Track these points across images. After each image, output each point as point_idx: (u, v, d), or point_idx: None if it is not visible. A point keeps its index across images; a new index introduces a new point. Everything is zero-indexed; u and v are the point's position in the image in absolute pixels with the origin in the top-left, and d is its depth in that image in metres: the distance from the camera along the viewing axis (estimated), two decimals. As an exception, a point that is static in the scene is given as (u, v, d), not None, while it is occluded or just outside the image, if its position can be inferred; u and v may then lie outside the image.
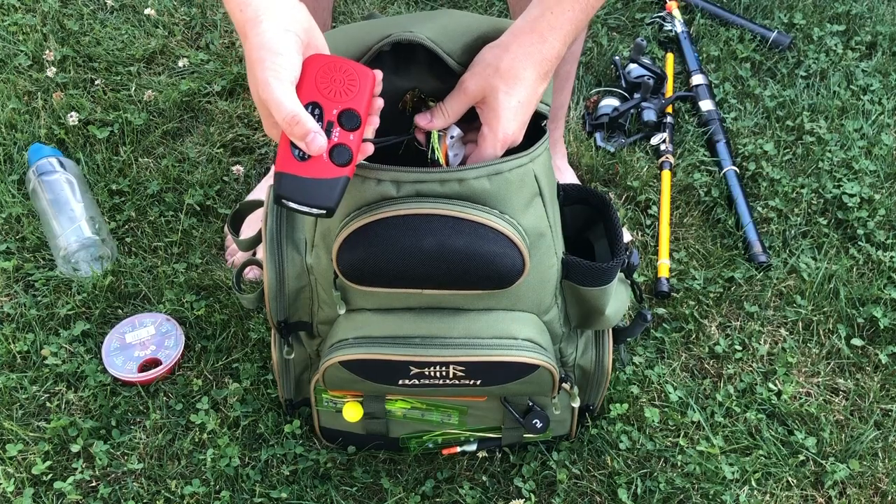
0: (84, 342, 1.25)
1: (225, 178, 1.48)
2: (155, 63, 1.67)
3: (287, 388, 1.11)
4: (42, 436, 1.15)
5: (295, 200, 0.75)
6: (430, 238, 0.83)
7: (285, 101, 0.73)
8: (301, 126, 0.73)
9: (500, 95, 0.82)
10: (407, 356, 0.91)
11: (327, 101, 0.75)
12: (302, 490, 1.12)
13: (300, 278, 0.96)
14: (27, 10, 1.74)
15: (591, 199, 1.02)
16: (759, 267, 1.40)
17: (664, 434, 1.20)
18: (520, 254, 0.86)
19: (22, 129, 1.51)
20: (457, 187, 0.84)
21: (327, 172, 0.75)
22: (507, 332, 0.92)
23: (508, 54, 0.82)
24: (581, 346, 1.06)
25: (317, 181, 0.75)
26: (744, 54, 1.75)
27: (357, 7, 1.82)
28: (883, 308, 1.34)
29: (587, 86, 1.69)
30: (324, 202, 0.75)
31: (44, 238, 1.36)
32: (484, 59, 0.83)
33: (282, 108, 0.73)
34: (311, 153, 0.74)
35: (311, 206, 0.75)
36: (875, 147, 1.58)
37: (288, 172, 0.74)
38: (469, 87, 0.83)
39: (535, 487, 1.14)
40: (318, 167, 0.75)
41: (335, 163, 0.75)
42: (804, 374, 1.28)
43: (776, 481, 1.15)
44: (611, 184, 1.52)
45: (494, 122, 0.83)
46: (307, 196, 0.74)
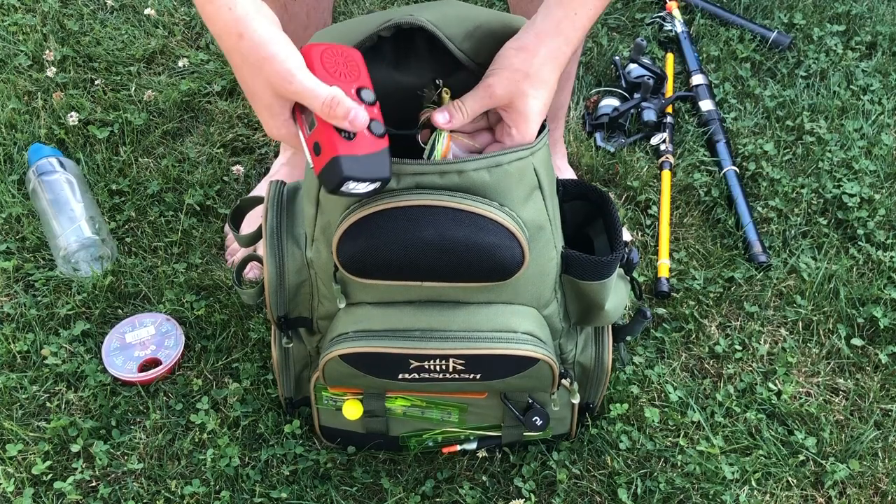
0: (84, 342, 1.26)
1: (225, 178, 1.48)
2: (155, 63, 1.67)
3: (287, 385, 1.11)
4: (42, 436, 1.15)
5: (358, 179, 0.76)
6: (430, 229, 0.83)
7: (318, 87, 0.73)
8: (342, 105, 0.73)
9: (530, 100, 0.83)
10: (406, 349, 0.91)
11: (342, 83, 0.76)
12: (302, 490, 1.12)
13: (300, 273, 0.96)
14: (27, 10, 1.74)
15: (590, 194, 1.02)
16: (759, 267, 1.40)
17: (664, 434, 1.20)
18: (519, 246, 0.86)
19: (22, 129, 1.51)
20: (456, 179, 0.84)
21: (375, 146, 0.77)
22: (507, 325, 0.92)
23: (537, 59, 0.82)
24: (581, 343, 1.06)
25: (369, 156, 0.76)
26: (744, 54, 1.75)
27: (357, 7, 1.82)
28: (883, 308, 1.34)
29: (587, 86, 1.69)
30: (381, 174, 0.77)
31: (44, 238, 1.36)
32: (511, 63, 0.82)
33: (318, 93, 0.73)
34: (357, 129, 0.75)
35: (371, 181, 0.77)
36: (875, 147, 1.58)
37: (345, 154, 0.75)
38: (497, 91, 0.83)
39: (535, 487, 1.14)
40: (366, 143, 0.76)
41: (376, 135, 0.77)
42: (804, 374, 1.28)
43: (776, 481, 1.15)
44: (611, 184, 1.52)
45: (522, 125, 0.84)
46: (368, 172, 0.76)
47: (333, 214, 0.88)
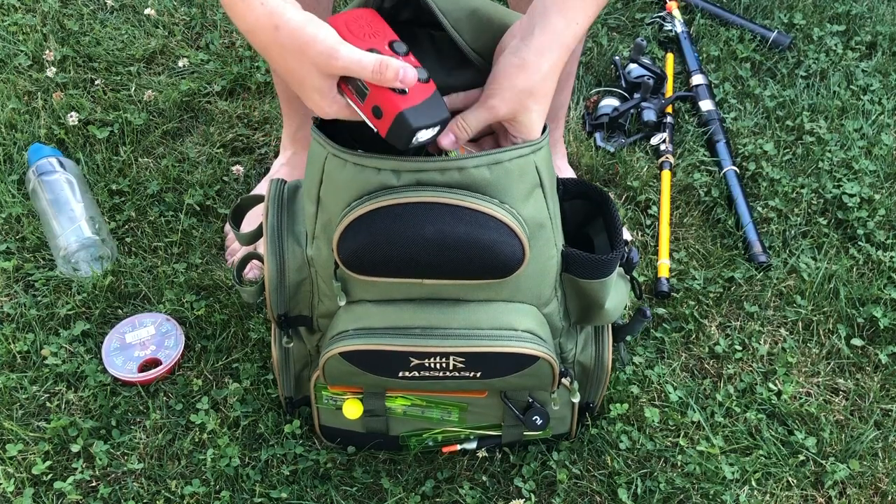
0: (84, 342, 1.25)
1: (225, 178, 1.48)
2: (155, 63, 1.67)
3: (287, 385, 1.11)
4: (42, 436, 1.15)
5: (427, 126, 0.78)
6: (431, 226, 0.83)
7: (363, 56, 0.75)
8: (391, 68, 0.75)
9: (533, 114, 0.84)
10: (407, 347, 0.92)
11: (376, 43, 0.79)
12: (302, 490, 1.12)
13: (301, 271, 0.96)
14: (27, 10, 1.74)
15: (590, 193, 1.02)
16: (759, 267, 1.40)
17: (664, 434, 1.20)
18: (520, 243, 0.86)
19: (22, 129, 1.51)
20: (457, 176, 0.84)
21: (426, 92, 0.79)
22: (507, 323, 0.92)
23: (539, 76, 0.82)
24: (581, 343, 1.06)
25: (426, 102, 0.79)
26: (744, 54, 1.75)
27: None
28: (883, 308, 1.34)
29: (587, 86, 1.69)
30: (443, 115, 0.80)
31: (44, 238, 1.36)
32: (513, 84, 0.82)
33: (365, 63, 0.75)
34: (409, 84, 0.77)
35: (436, 126, 0.80)
36: (875, 147, 1.58)
37: (407, 107, 0.77)
38: (500, 110, 0.83)
39: (535, 487, 1.14)
40: (419, 91, 0.78)
41: (424, 82, 0.79)
42: (804, 374, 1.28)
43: (776, 481, 1.15)
44: (611, 184, 1.52)
45: (527, 134, 0.85)
46: (432, 117, 0.79)
47: (334, 212, 0.88)
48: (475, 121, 0.84)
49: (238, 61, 1.67)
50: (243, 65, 1.66)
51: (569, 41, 0.83)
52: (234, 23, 0.81)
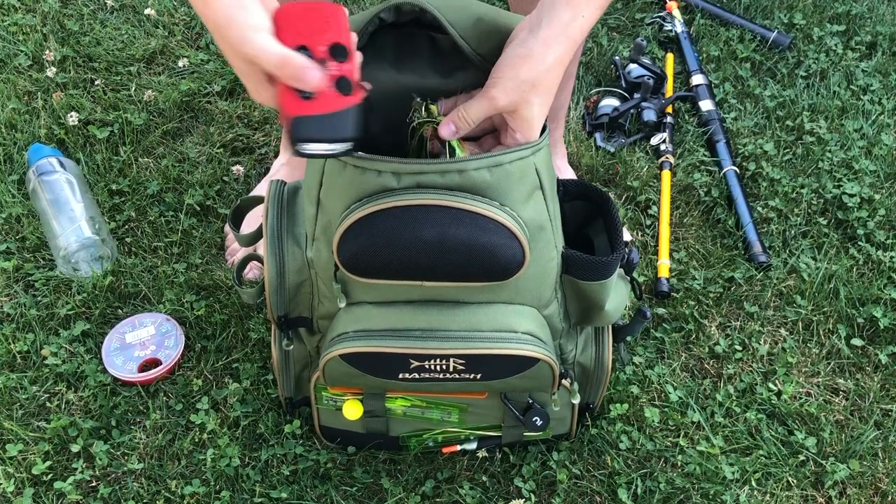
0: (84, 342, 1.25)
1: (225, 178, 1.48)
2: (155, 63, 1.67)
3: (287, 385, 1.11)
4: (42, 436, 1.15)
5: (317, 140, 0.74)
6: (431, 229, 0.83)
7: (270, 47, 0.72)
8: (291, 65, 0.72)
9: (535, 108, 0.83)
10: (407, 349, 0.92)
11: (311, 41, 0.74)
12: (302, 490, 1.12)
13: (301, 272, 0.96)
14: (27, 10, 1.74)
15: (590, 194, 1.02)
16: (759, 267, 1.40)
17: (664, 434, 1.20)
18: (520, 245, 0.86)
19: (22, 129, 1.51)
20: (457, 178, 0.84)
21: (338, 104, 0.74)
22: (508, 325, 0.92)
23: (544, 66, 0.81)
24: (581, 343, 1.06)
25: (330, 115, 0.74)
26: (744, 54, 1.75)
27: (357, 6, 1.82)
28: (883, 308, 1.34)
29: (587, 86, 1.69)
30: (346, 133, 0.75)
31: (44, 238, 1.36)
32: (517, 74, 0.81)
33: (269, 54, 0.72)
34: (312, 88, 0.73)
35: (332, 142, 0.74)
36: (875, 147, 1.58)
37: (300, 115, 0.73)
38: (501, 102, 0.82)
39: (535, 487, 1.14)
40: (328, 101, 0.74)
41: (343, 94, 0.74)
42: (804, 374, 1.28)
43: (776, 481, 1.16)
44: (611, 184, 1.52)
45: (527, 130, 0.84)
46: (328, 132, 0.74)
47: (334, 214, 0.88)
48: (475, 111, 0.83)
49: (238, 61, 1.67)
50: (243, 65, 1.66)
51: (575, 34, 0.82)
52: None
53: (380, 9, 0.83)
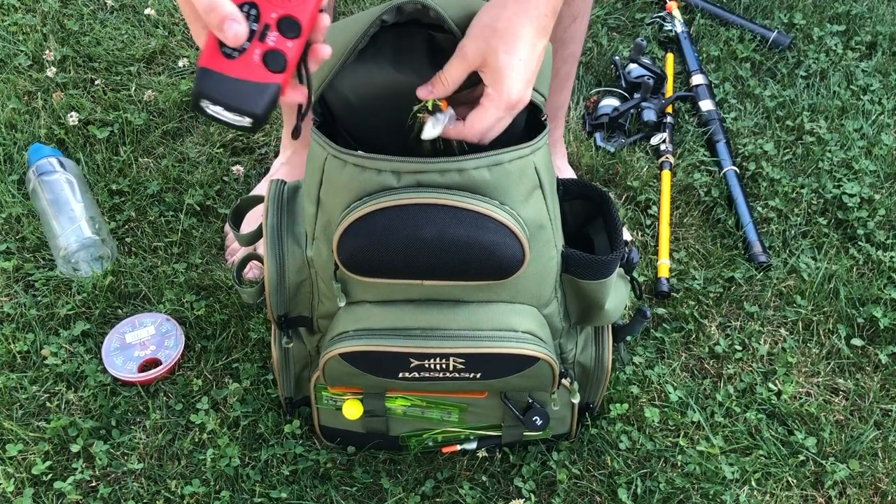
0: (84, 342, 1.25)
1: (225, 178, 1.48)
2: (155, 63, 1.67)
3: (287, 385, 1.11)
4: (42, 436, 1.15)
5: (218, 101, 0.67)
6: (431, 227, 0.83)
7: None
8: (216, 11, 0.66)
9: (501, 55, 0.79)
10: (407, 348, 0.92)
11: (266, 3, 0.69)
12: (302, 490, 1.12)
13: (301, 272, 0.96)
14: (27, 10, 1.74)
15: (590, 194, 1.02)
16: (759, 267, 1.40)
17: (664, 434, 1.20)
18: (520, 244, 0.86)
19: (22, 129, 1.51)
20: (457, 177, 0.84)
21: (258, 75, 0.68)
22: (508, 324, 0.92)
23: (506, 12, 0.80)
24: (581, 343, 1.06)
25: (244, 83, 0.67)
26: (744, 54, 1.75)
27: (357, 6, 1.82)
28: (883, 308, 1.34)
29: (587, 86, 1.69)
30: (250, 106, 0.68)
31: (44, 238, 1.36)
32: (480, 21, 0.80)
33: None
34: (228, 41, 0.67)
35: (234, 110, 0.68)
36: (875, 147, 1.58)
37: (212, 68, 0.67)
38: (468, 52, 0.80)
39: (535, 487, 1.14)
40: (249, 68, 0.68)
41: (269, 68, 0.68)
42: (804, 374, 1.28)
43: (776, 481, 1.15)
44: (611, 184, 1.52)
45: (498, 83, 0.80)
46: (232, 97, 0.67)
47: (334, 213, 0.88)
48: (450, 70, 0.81)
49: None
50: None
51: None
52: None
53: (382, 10, 0.83)
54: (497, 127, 0.83)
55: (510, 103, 0.81)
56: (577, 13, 1.22)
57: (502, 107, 0.81)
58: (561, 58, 1.27)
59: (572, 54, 1.30)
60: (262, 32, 0.68)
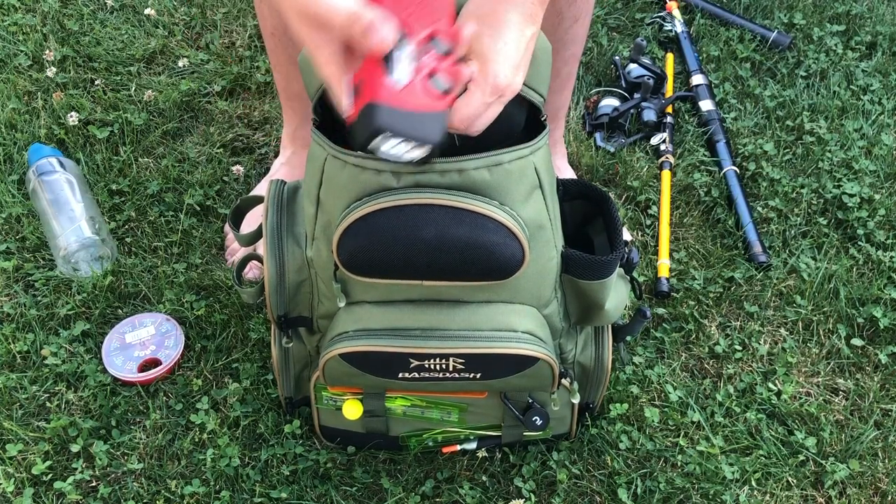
0: (84, 342, 1.25)
1: (225, 178, 1.48)
2: (155, 63, 1.67)
3: (287, 385, 1.11)
4: (42, 436, 1.15)
5: (398, 134, 0.64)
6: (430, 228, 0.83)
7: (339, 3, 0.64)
8: (360, 20, 0.63)
9: (486, 39, 0.78)
10: (407, 348, 0.92)
11: (417, 26, 0.66)
12: (302, 490, 1.12)
13: (301, 272, 0.96)
14: (27, 10, 1.74)
15: (590, 194, 1.02)
16: (759, 267, 1.40)
17: (664, 434, 1.20)
18: (519, 244, 0.86)
19: (22, 129, 1.51)
20: (457, 178, 0.84)
21: (430, 103, 0.65)
22: (507, 324, 0.92)
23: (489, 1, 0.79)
24: (581, 343, 1.06)
25: (420, 114, 0.64)
26: (744, 54, 1.75)
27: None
28: (883, 308, 1.34)
29: (587, 86, 1.69)
30: (430, 136, 0.65)
31: (44, 238, 1.36)
32: (467, 9, 0.80)
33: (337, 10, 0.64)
34: (379, 46, 0.63)
35: (415, 143, 0.65)
36: (875, 147, 1.58)
37: (385, 102, 0.63)
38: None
39: (535, 487, 1.14)
40: (420, 96, 0.65)
41: (435, 93, 0.66)
42: (804, 374, 1.28)
43: (776, 481, 1.15)
44: (611, 184, 1.52)
45: (483, 66, 0.78)
46: (411, 129, 0.64)
47: (334, 213, 0.88)
48: None
49: (238, 61, 1.67)
50: (243, 65, 1.66)
51: None
52: None
53: None
54: (485, 115, 0.80)
55: (496, 87, 0.78)
56: (578, 14, 1.22)
57: (488, 91, 0.78)
58: (562, 58, 1.27)
59: (574, 55, 1.30)
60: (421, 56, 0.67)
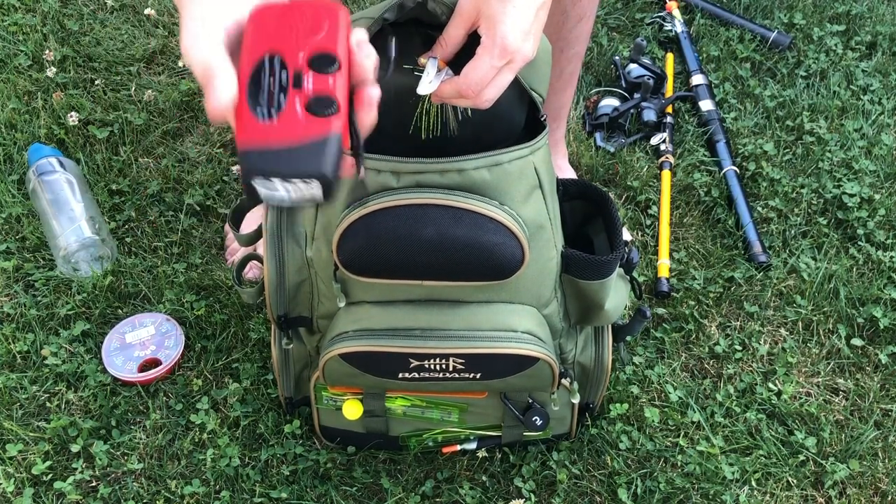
0: (84, 342, 1.25)
1: (225, 178, 1.48)
2: (155, 63, 1.67)
3: (287, 385, 1.11)
4: (42, 436, 1.15)
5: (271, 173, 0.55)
6: (430, 228, 0.83)
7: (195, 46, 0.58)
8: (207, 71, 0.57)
9: (494, 3, 0.76)
10: (407, 348, 0.92)
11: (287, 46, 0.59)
12: (302, 490, 1.12)
13: (300, 272, 0.96)
14: (27, 10, 1.74)
15: (590, 194, 1.02)
16: (759, 267, 1.40)
17: (664, 434, 1.20)
18: (519, 244, 0.86)
19: (22, 129, 1.51)
20: (457, 178, 0.84)
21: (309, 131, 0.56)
22: (507, 324, 0.92)
23: None
24: (581, 343, 1.06)
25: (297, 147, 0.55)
26: (744, 54, 1.75)
27: (356, 6, 1.82)
28: (883, 308, 1.34)
29: (587, 86, 1.69)
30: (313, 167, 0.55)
31: (44, 238, 1.36)
32: None
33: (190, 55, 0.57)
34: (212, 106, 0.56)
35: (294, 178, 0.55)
36: (875, 147, 1.58)
37: (254, 144, 0.56)
38: (464, 8, 0.78)
39: (535, 487, 1.14)
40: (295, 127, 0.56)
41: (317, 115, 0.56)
42: (804, 374, 1.28)
43: (776, 481, 1.15)
44: (611, 184, 1.52)
45: (491, 29, 0.77)
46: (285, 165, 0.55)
47: (333, 213, 0.88)
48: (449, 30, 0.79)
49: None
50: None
51: None
52: None
53: (384, 8, 0.83)
54: (495, 82, 0.78)
55: (504, 49, 0.76)
56: (583, 13, 1.22)
57: (496, 54, 0.76)
58: (566, 58, 1.27)
59: (577, 54, 1.30)
60: (295, 79, 0.58)
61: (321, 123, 0.56)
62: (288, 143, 0.56)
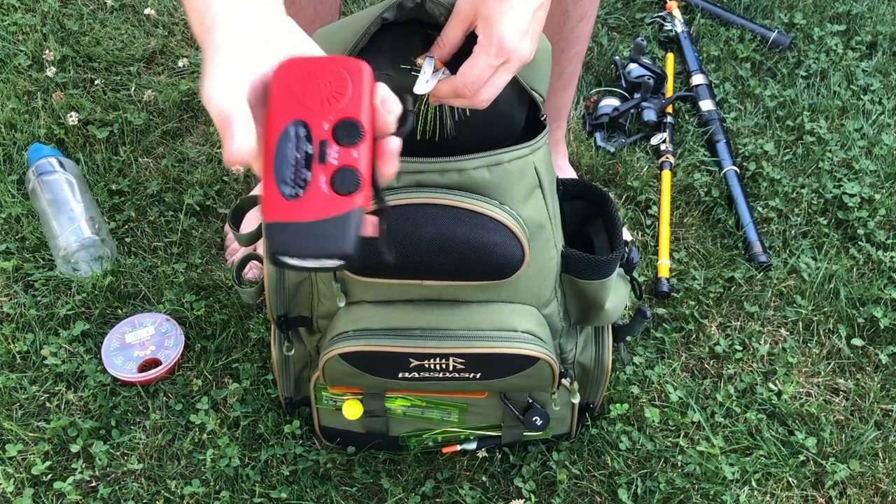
0: (84, 342, 1.25)
1: (225, 178, 1.48)
2: (155, 63, 1.67)
3: (287, 385, 1.11)
4: (42, 436, 1.15)
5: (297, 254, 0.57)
6: (430, 227, 0.83)
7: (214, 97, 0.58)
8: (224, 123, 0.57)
9: (492, 3, 0.76)
10: (406, 348, 0.92)
11: (313, 114, 0.59)
12: (302, 490, 1.12)
13: (300, 272, 0.96)
14: (27, 10, 1.74)
15: (590, 193, 1.02)
16: (759, 267, 1.40)
17: (664, 434, 1.20)
18: (519, 244, 0.86)
19: (22, 129, 1.51)
20: (457, 177, 0.84)
21: (332, 208, 0.57)
22: (507, 324, 0.92)
23: None
24: (581, 343, 1.06)
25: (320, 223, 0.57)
26: (744, 54, 1.75)
27: (356, 6, 1.82)
28: (883, 308, 1.34)
29: (587, 86, 1.69)
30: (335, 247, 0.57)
31: (44, 238, 1.36)
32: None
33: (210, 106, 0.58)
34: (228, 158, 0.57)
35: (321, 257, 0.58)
36: (875, 147, 1.58)
37: (279, 221, 0.57)
38: (461, 9, 0.78)
39: (536, 487, 1.14)
40: (319, 203, 0.57)
41: (340, 193, 0.57)
42: (804, 374, 1.28)
43: (776, 481, 1.15)
44: (611, 184, 1.52)
45: (488, 28, 0.77)
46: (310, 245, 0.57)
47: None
48: (447, 30, 0.79)
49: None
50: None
51: None
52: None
53: (383, 8, 0.83)
54: (492, 81, 0.78)
55: (501, 49, 0.76)
56: (584, 13, 1.22)
57: (492, 52, 0.76)
58: (567, 57, 1.27)
59: (578, 54, 1.30)
60: (320, 153, 0.58)
61: (342, 202, 0.58)
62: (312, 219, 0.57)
